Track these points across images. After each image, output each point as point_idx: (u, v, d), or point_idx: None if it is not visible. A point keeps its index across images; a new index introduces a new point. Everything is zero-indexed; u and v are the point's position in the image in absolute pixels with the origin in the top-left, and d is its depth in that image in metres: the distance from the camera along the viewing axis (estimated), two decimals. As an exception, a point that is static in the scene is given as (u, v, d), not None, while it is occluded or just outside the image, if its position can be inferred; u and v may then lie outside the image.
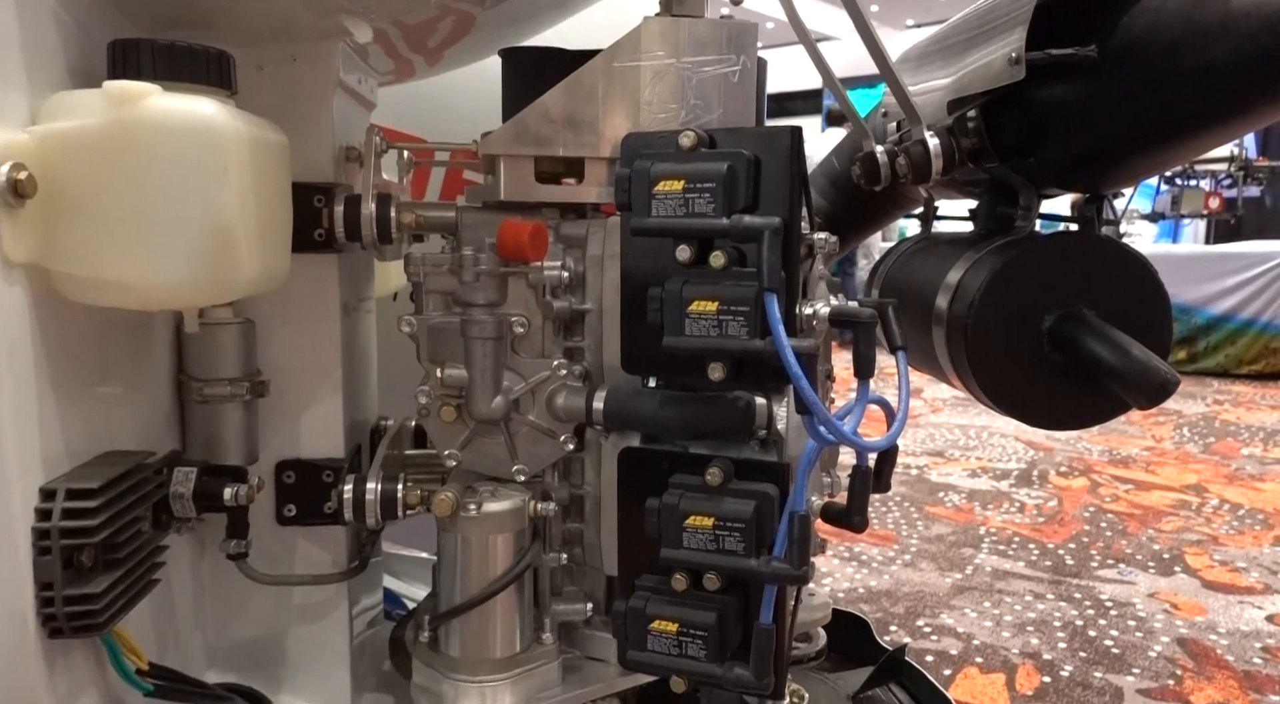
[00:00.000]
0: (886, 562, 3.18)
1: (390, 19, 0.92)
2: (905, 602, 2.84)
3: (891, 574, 3.05)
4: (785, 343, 0.76)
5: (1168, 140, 0.81)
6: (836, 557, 3.20)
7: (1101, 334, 0.90)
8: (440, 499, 0.84)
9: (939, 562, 3.18)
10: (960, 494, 3.99)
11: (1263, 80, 0.68)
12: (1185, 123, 0.78)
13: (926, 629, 2.66)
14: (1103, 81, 0.81)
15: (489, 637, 0.87)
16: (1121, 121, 0.82)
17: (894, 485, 4.07)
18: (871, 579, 3.01)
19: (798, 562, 0.80)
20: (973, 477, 4.29)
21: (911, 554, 3.24)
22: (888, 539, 3.40)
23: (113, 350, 0.73)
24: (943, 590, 2.94)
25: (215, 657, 0.93)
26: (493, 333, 0.87)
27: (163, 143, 0.59)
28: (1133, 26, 0.78)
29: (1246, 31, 0.68)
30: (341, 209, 0.85)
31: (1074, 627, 2.61)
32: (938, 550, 3.28)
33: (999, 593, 2.90)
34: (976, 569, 3.12)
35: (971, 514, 3.73)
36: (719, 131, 0.84)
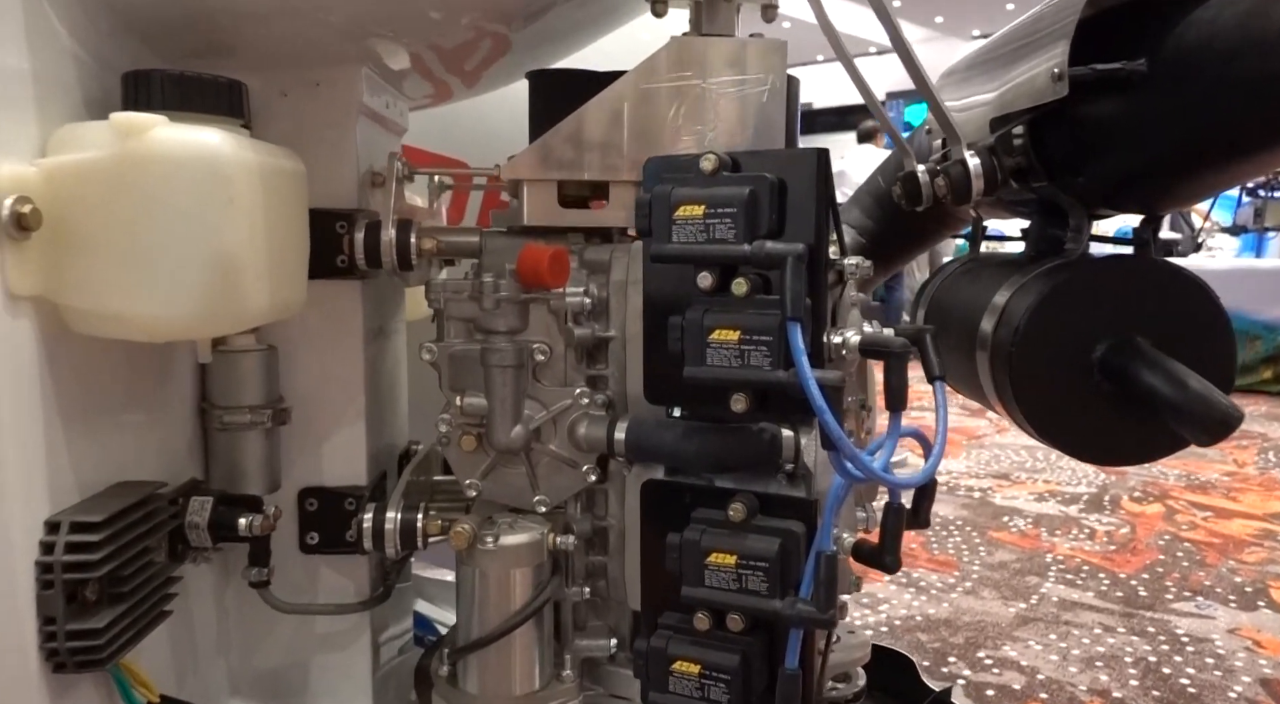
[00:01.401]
0: (946, 589, 3.08)
1: (417, 43, 0.92)
2: (965, 632, 2.75)
3: (951, 602, 2.95)
4: (809, 374, 0.72)
5: (1225, 158, 0.76)
6: (894, 582, 3.11)
7: (1156, 364, 0.84)
8: (456, 532, 0.82)
9: (1002, 590, 3.06)
10: (1026, 519, 3.86)
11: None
12: (1244, 139, 0.73)
13: (987, 661, 2.56)
14: (1154, 97, 0.76)
15: (507, 673, 0.85)
16: (1175, 138, 0.77)
17: (955, 509, 3.96)
18: (930, 607, 2.92)
19: (824, 605, 0.76)
20: (1039, 500, 4.15)
21: (973, 581, 3.13)
22: (948, 565, 3.30)
23: (129, 380, 0.73)
24: (1005, 621, 2.83)
25: (239, 685, 0.92)
26: (512, 361, 0.85)
27: (167, 174, 0.59)
28: (1185, 38, 0.73)
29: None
30: (362, 235, 0.85)
31: (1147, 663, 2.48)
32: (1001, 578, 3.17)
33: (1066, 625, 2.78)
34: (1042, 599, 3.00)
35: (1038, 540, 3.60)
36: (744, 154, 0.81)
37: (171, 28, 0.73)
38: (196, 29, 0.76)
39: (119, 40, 0.69)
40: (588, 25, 1.14)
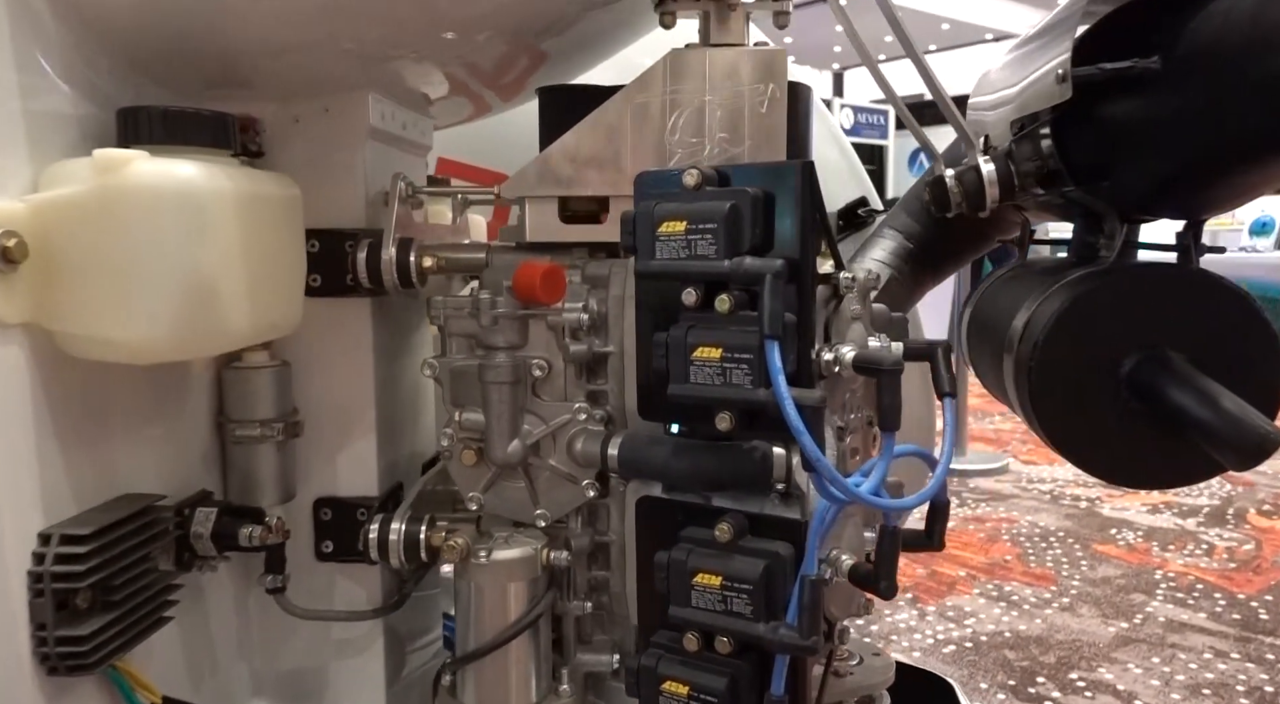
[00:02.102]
0: (1041, 604, 2.94)
1: (430, 64, 0.94)
2: (1058, 651, 2.62)
3: (1045, 619, 2.82)
4: (785, 393, 0.70)
5: (1250, 157, 0.70)
6: (983, 595, 2.99)
7: (1187, 381, 0.78)
8: (449, 546, 0.84)
9: (1103, 607, 2.91)
10: (1136, 532, 3.65)
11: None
12: (1263, 136, 0.67)
13: (1080, 684, 2.44)
14: (1169, 95, 0.71)
15: (503, 685, 0.86)
16: (1194, 138, 0.71)
17: (1058, 519, 3.78)
18: (1021, 623, 2.79)
19: (807, 630, 0.74)
20: (1153, 512, 3.92)
21: (1071, 597, 2.98)
22: (1044, 579, 3.15)
23: (136, 398, 0.77)
24: (1104, 640, 2.68)
25: (261, 686, 0.96)
26: (508, 377, 0.86)
27: (143, 206, 0.63)
28: (1199, 34, 0.67)
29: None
30: (364, 255, 0.87)
31: (1262, 693, 2.31)
32: (1102, 595, 3.01)
33: (1172, 647, 2.62)
34: (1147, 618, 2.83)
35: (1147, 555, 3.40)
36: (733, 167, 0.80)
37: (175, 66, 0.78)
38: (201, 66, 0.80)
39: (123, 79, 0.74)
40: (621, 29, 1.13)
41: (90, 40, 0.69)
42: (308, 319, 0.92)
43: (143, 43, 0.73)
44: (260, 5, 0.77)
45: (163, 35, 0.74)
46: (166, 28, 0.74)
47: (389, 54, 0.87)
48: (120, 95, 0.73)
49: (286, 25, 0.80)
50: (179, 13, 0.74)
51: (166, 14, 0.73)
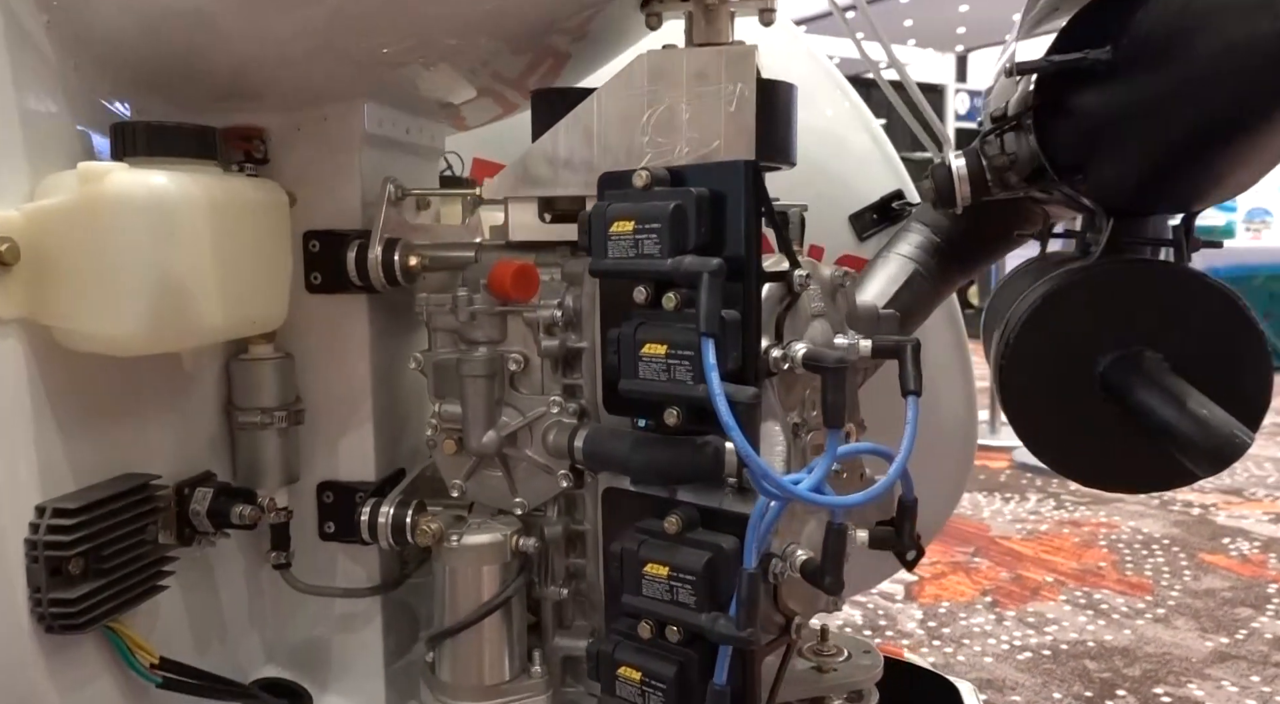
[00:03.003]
0: (1133, 614, 2.81)
1: (434, 69, 0.99)
2: (1145, 664, 2.49)
3: (1135, 629, 2.69)
4: (718, 390, 0.72)
5: (1206, 144, 0.67)
6: (1069, 602, 2.87)
7: (1155, 381, 0.76)
8: (422, 530, 0.89)
9: (1202, 620, 2.75)
10: (1253, 542, 3.43)
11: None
12: (1208, 122, 0.64)
13: (1165, 699, 2.32)
14: (1121, 86, 0.69)
15: (475, 663, 0.91)
16: (1144, 127, 0.69)
17: (1164, 526, 3.59)
18: (1108, 632, 2.67)
19: (744, 622, 0.75)
20: (1275, 522, 3.68)
21: (1167, 608, 2.83)
22: (1140, 588, 3.00)
23: (142, 387, 0.85)
24: (1199, 655, 2.54)
25: (273, 654, 1.04)
26: (483, 371, 0.90)
27: (118, 213, 0.69)
28: (1142, 22, 0.65)
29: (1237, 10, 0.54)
30: (353, 254, 0.93)
31: (1371, 721, 2.15)
32: (1204, 607, 2.84)
33: (1276, 667, 2.46)
34: (1251, 635, 2.67)
35: (1262, 568, 3.20)
36: (685, 168, 0.81)
37: (178, 82, 0.85)
38: (204, 82, 0.87)
39: (125, 95, 0.81)
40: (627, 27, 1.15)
41: (88, 62, 0.77)
42: (310, 314, 0.99)
43: (142, 63, 0.81)
44: (250, 26, 0.83)
45: (161, 55, 0.81)
46: (164, 49, 0.81)
47: (378, 65, 0.93)
48: (121, 110, 0.80)
49: (275, 43, 0.86)
50: (175, 35, 0.81)
51: (163, 37, 0.80)
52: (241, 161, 0.94)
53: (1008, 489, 4.10)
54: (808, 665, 1.02)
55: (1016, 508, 3.84)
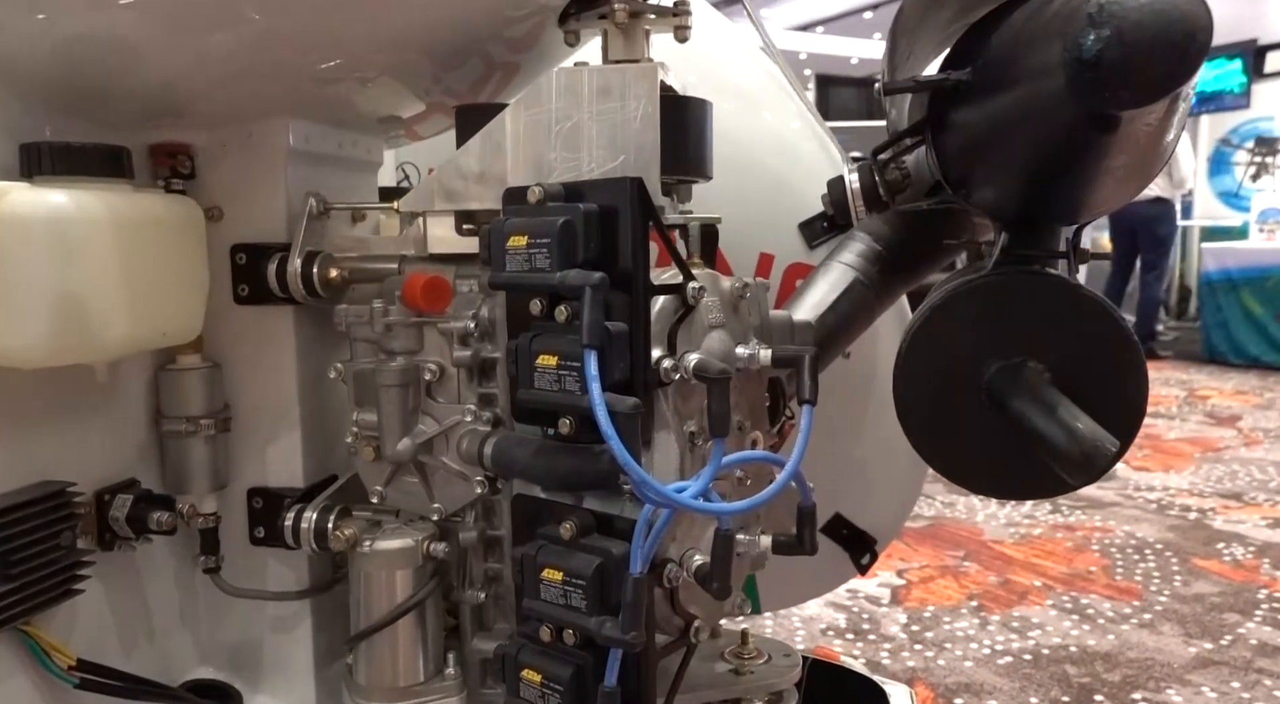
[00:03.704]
0: (1118, 619, 2.80)
1: (346, 91, 1.02)
2: (1126, 669, 2.49)
3: (1119, 635, 2.68)
4: (598, 400, 0.74)
5: (1042, 163, 0.68)
6: (1055, 607, 2.86)
7: (1031, 391, 0.77)
8: (335, 535, 0.91)
9: (1188, 626, 2.73)
10: (1248, 548, 3.41)
11: (1078, 87, 0.56)
12: (1035, 142, 0.65)
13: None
14: (978, 106, 0.70)
15: (390, 665, 0.93)
16: (1001, 144, 0.70)
17: (1158, 531, 3.57)
18: (1091, 637, 2.66)
19: (627, 625, 0.77)
20: (1273, 527, 3.64)
21: (1154, 614, 2.82)
22: (1129, 593, 2.98)
23: (63, 397, 0.88)
24: (1181, 661, 2.53)
25: (207, 655, 1.07)
26: (396, 381, 0.93)
27: (15, 232, 0.73)
28: (992, 44, 0.67)
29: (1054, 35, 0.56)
30: (274, 267, 0.96)
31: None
32: (1191, 613, 2.83)
33: (1258, 673, 2.44)
34: (1236, 640, 2.65)
35: (1254, 573, 3.17)
36: (580, 183, 0.84)
37: (99, 103, 0.88)
38: (125, 103, 0.90)
39: (41, 116, 0.84)
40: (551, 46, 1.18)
41: (1, 86, 0.80)
42: (238, 325, 1.02)
43: (58, 86, 0.84)
44: (164, 49, 0.86)
45: (77, 79, 0.85)
46: (80, 73, 0.84)
47: (297, 84, 0.96)
48: (36, 131, 0.84)
49: (191, 65, 0.89)
50: (90, 60, 0.84)
51: (78, 62, 0.83)
52: (168, 177, 0.97)
53: (1004, 493, 4.08)
54: (726, 668, 1.03)
55: (1012, 512, 3.82)
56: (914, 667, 2.47)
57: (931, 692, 2.38)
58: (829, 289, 1.24)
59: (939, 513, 3.76)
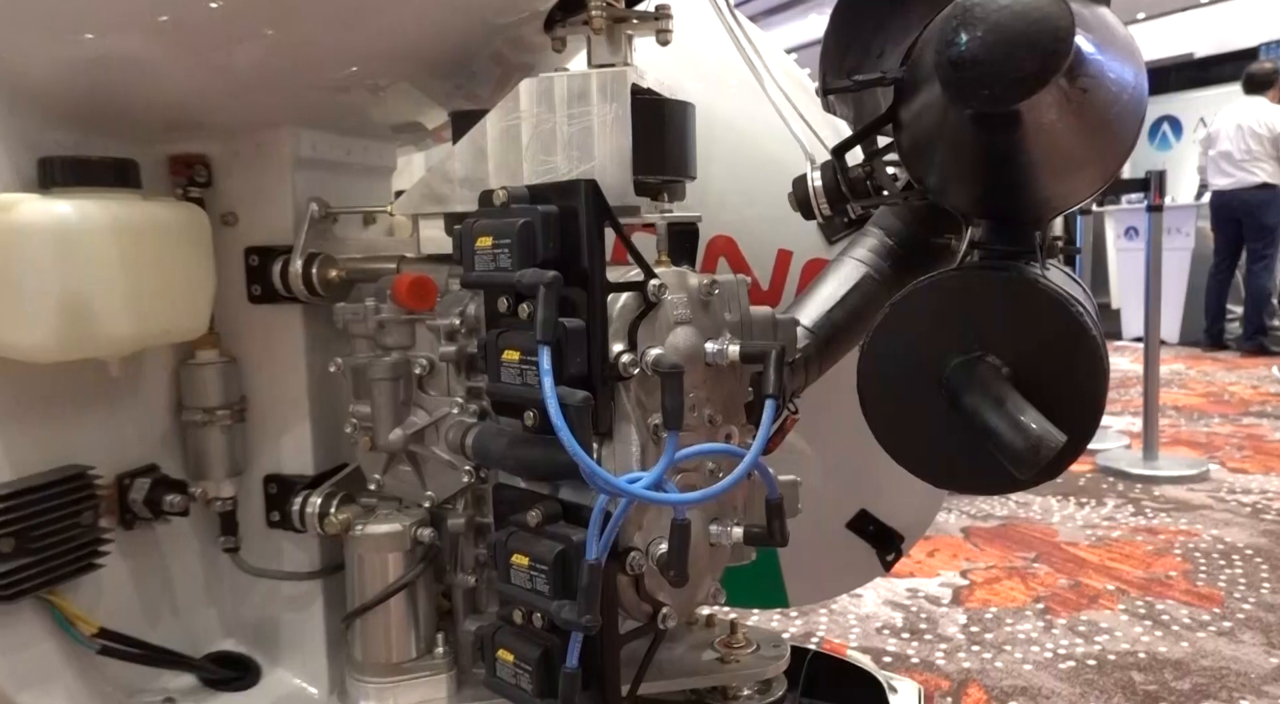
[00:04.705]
0: (1194, 626, 2.68)
1: (352, 101, 1.08)
2: (1197, 677, 2.38)
3: (1194, 642, 2.57)
4: (549, 393, 0.78)
5: (975, 165, 0.68)
6: (1127, 612, 2.76)
7: (979, 384, 0.77)
8: (329, 520, 0.97)
9: (1271, 636, 2.60)
10: (1352, 555, 3.21)
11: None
12: (953, 142, 0.65)
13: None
14: (910, 104, 0.71)
15: (382, 642, 0.99)
16: (933, 143, 0.71)
17: (1249, 535, 3.41)
18: (1163, 644, 2.56)
19: (583, 609, 0.81)
20: (1384, 533, 3.43)
21: (1235, 621, 2.69)
22: (1209, 600, 2.85)
23: (89, 389, 0.96)
24: (1260, 672, 2.41)
25: (231, 629, 1.15)
26: (387, 374, 0.98)
27: (24, 239, 0.80)
28: (920, 42, 0.67)
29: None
30: (279, 268, 1.03)
31: None
32: (1276, 622, 2.69)
33: (1344, 687, 2.31)
34: (1325, 652, 2.51)
35: (1355, 583, 2.99)
36: (540, 186, 0.87)
37: (118, 119, 0.96)
38: (142, 118, 0.98)
39: (64, 131, 0.93)
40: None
41: (25, 105, 0.89)
42: (252, 322, 1.09)
43: (76, 104, 0.92)
44: (176, 68, 0.94)
45: (95, 97, 0.93)
46: (98, 92, 0.92)
47: (301, 97, 1.02)
48: (59, 146, 0.92)
49: (203, 82, 0.96)
50: (107, 80, 0.92)
51: (95, 82, 0.91)
52: (186, 186, 1.05)
53: (1085, 494, 3.94)
54: (713, 656, 1.05)
55: (1090, 513, 3.69)
56: (969, 668, 2.42)
57: (986, 694, 2.33)
58: (839, 284, 1.25)
59: (1011, 513, 3.66)
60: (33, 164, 0.89)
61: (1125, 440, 4.68)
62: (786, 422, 1.23)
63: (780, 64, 1.38)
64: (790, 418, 1.25)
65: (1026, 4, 0.52)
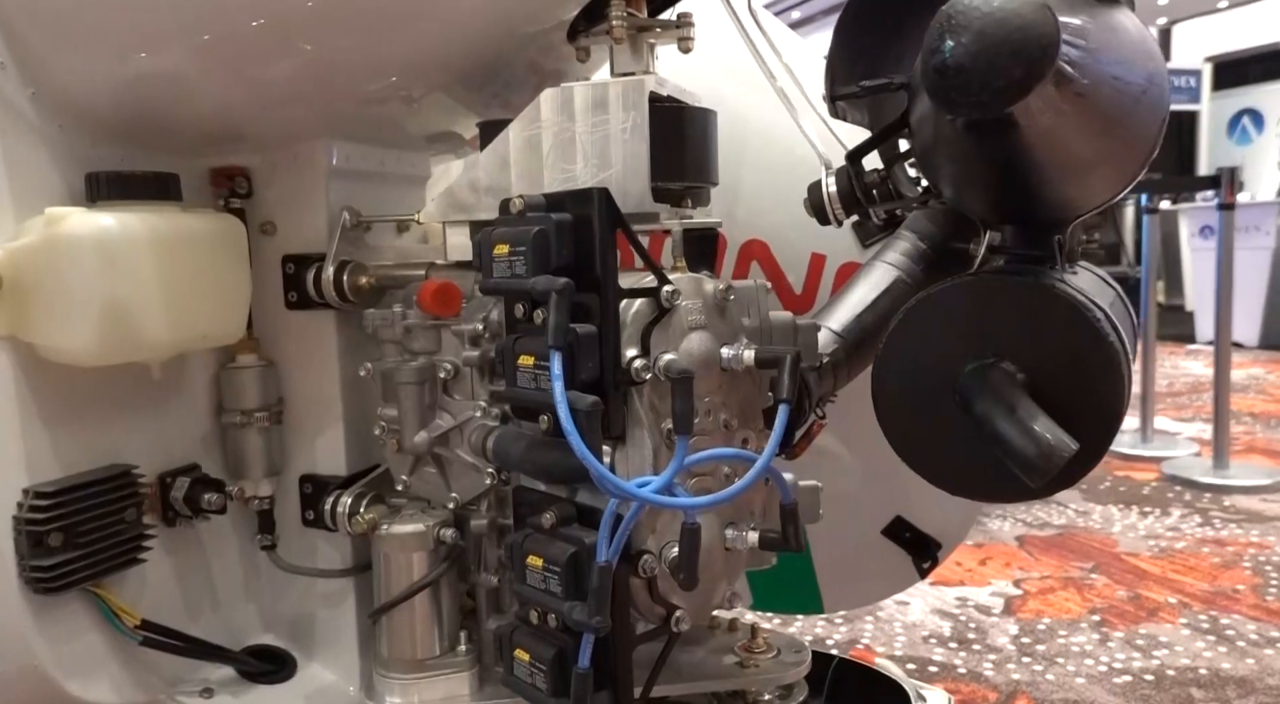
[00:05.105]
0: (1263, 642, 2.58)
1: (383, 114, 1.11)
2: (1263, 696, 2.30)
3: (1261, 659, 2.47)
4: (560, 397, 0.80)
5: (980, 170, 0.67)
6: (1190, 626, 2.67)
7: (992, 390, 0.76)
8: (356, 520, 1.00)
9: (1345, 655, 2.50)
10: None
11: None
12: (956, 148, 0.65)
13: (1272, 737, 2.14)
14: (915, 109, 0.70)
15: (407, 638, 1.02)
16: (939, 148, 0.70)
17: (1338, 544, 3.26)
18: (1226, 660, 2.47)
19: (593, 611, 0.82)
20: None
21: (1307, 639, 2.58)
22: (1279, 616, 2.74)
23: (132, 392, 1.01)
24: (1330, 692, 2.32)
25: (270, 624, 1.19)
26: (413, 378, 1.01)
27: (70, 249, 0.85)
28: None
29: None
30: (312, 275, 1.06)
31: None
32: (1351, 640, 2.58)
33: None
34: (1405, 674, 2.40)
35: None
36: (557, 194, 0.89)
37: (155, 136, 1.01)
38: (186, 132, 1.03)
39: (110, 146, 0.98)
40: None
41: (72, 123, 0.94)
42: (289, 327, 1.13)
43: (120, 120, 0.97)
44: (214, 85, 0.98)
45: (138, 114, 0.97)
46: (140, 109, 0.97)
47: (335, 109, 1.06)
48: (106, 161, 0.97)
49: (240, 98, 1.00)
50: (148, 97, 0.96)
51: (137, 99, 0.96)
52: (227, 197, 1.09)
53: (1149, 503, 3.82)
54: (733, 660, 1.06)
55: (1154, 523, 3.58)
56: (1018, 680, 2.37)
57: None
58: (870, 288, 1.24)
59: (1069, 522, 3.57)
60: (81, 179, 0.93)
61: (1195, 448, 4.53)
62: (813, 427, 1.22)
63: (808, 67, 1.38)
64: (817, 423, 1.24)
65: (1009, 10, 0.52)
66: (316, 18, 0.92)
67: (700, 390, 0.92)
